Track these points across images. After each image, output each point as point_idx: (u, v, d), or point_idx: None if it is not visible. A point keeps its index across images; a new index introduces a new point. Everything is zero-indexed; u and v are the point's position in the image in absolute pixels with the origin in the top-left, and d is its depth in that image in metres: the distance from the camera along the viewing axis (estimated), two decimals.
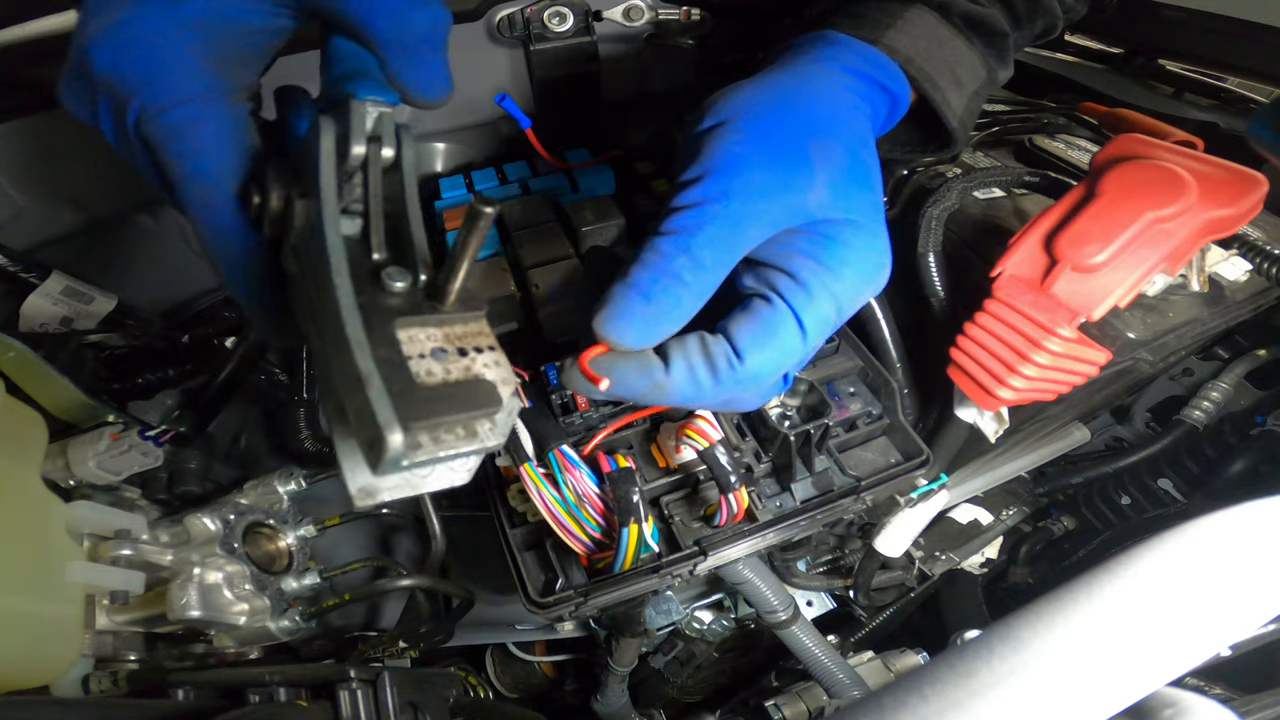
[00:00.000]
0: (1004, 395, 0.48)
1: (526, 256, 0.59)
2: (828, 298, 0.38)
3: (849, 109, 0.43)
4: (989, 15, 0.50)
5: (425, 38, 0.35)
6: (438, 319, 0.30)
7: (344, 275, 0.28)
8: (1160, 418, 0.86)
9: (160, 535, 0.62)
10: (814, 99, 0.41)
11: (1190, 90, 0.83)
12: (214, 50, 0.35)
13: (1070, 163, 0.66)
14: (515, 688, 1.11)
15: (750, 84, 0.42)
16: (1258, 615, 0.23)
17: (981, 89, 0.51)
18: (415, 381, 0.27)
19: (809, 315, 0.38)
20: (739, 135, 0.39)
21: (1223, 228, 0.47)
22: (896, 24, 0.47)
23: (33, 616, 0.49)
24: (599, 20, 0.71)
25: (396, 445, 0.25)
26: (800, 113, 0.40)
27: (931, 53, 0.48)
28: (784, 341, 0.38)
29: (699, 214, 0.37)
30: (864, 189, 0.40)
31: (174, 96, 0.34)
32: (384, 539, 0.90)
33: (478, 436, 0.28)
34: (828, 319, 0.39)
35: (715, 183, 0.38)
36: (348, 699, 0.45)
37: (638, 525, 0.45)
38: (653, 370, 0.38)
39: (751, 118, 0.40)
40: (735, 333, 0.38)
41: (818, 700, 0.71)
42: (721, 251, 0.37)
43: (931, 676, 0.24)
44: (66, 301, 0.66)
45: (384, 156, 0.33)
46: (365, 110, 0.34)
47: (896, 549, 0.66)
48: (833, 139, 0.40)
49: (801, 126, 0.40)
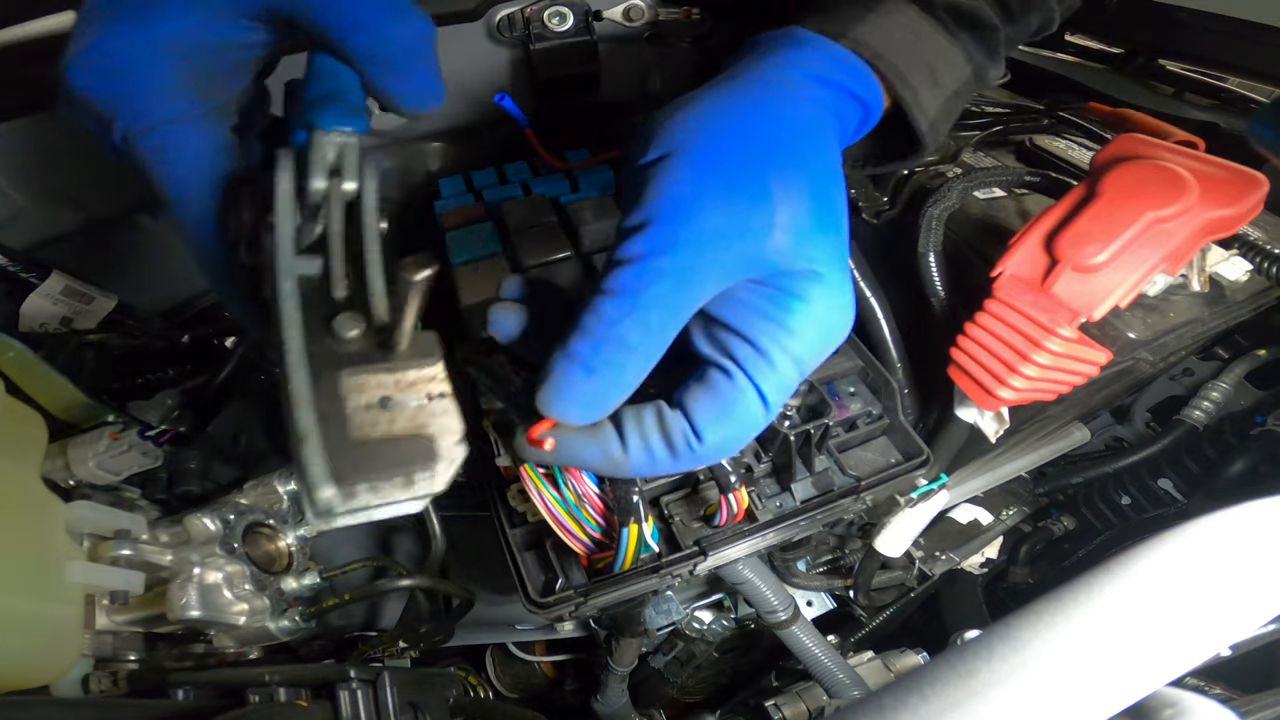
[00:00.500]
0: (1004, 395, 0.48)
1: (526, 256, 0.59)
2: (789, 363, 0.35)
3: (815, 129, 0.37)
4: (977, 8, 0.46)
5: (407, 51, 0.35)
6: (388, 367, 0.29)
7: (294, 328, 0.28)
8: (1160, 418, 0.86)
9: (160, 535, 0.62)
10: (774, 118, 0.36)
11: (1190, 90, 0.83)
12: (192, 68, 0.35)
13: (1070, 163, 0.66)
14: (515, 688, 1.11)
15: (700, 99, 0.37)
16: (1258, 615, 0.23)
17: (964, 88, 0.47)
18: (355, 436, 0.28)
19: (770, 385, 0.34)
20: (685, 172, 0.34)
21: (1223, 228, 0.47)
22: (869, 17, 0.42)
23: (33, 616, 0.49)
24: (599, 20, 0.71)
25: (326, 500, 0.26)
26: (759, 137, 0.35)
27: (907, 47, 0.43)
28: (745, 417, 0.35)
29: (642, 270, 0.33)
30: (829, 232, 0.35)
31: (152, 118, 0.34)
32: (384, 539, 0.90)
33: (415, 486, 0.28)
34: (789, 384, 0.35)
35: (659, 232, 0.33)
36: (348, 699, 0.45)
37: (638, 525, 0.45)
38: (608, 446, 0.35)
39: (700, 148, 0.34)
40: (694, 409, 0.35)
41: (818, 700, 0.71)
42: (670, 311, 0.33)
43: (931, 676, 0.24)
44: (66, 301, 0.66)
45: (345, 191, 0.33)
46: (326, 143, 0.33)
47: (896, 549, 0.66)
48: (797, 170, 0.35)
49: (760, 155, 0.34)
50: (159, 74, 0.34)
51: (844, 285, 0.36)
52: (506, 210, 0.64)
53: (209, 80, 0.36)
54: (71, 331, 0.66)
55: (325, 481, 0.26)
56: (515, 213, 0.63)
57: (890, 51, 0.42)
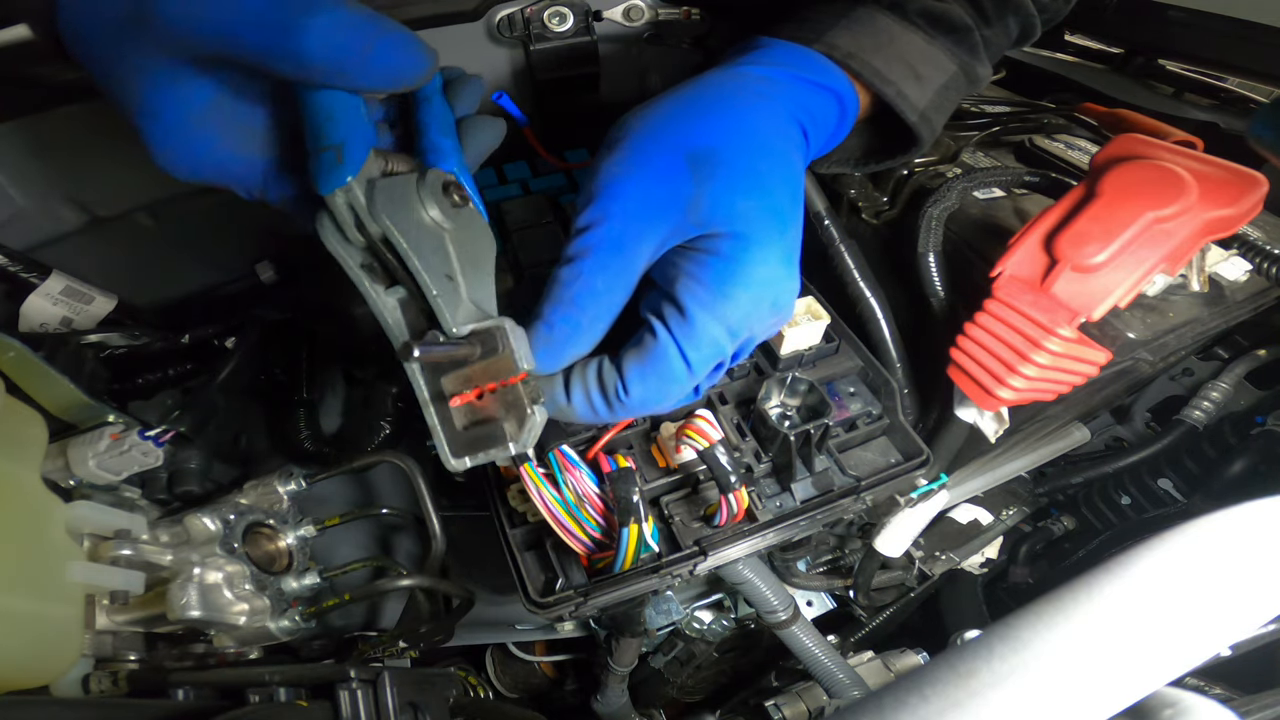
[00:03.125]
0: (1004, 395, 0.48)
1: (526, 256, 0.59)
2: (713, 322, 0.37)
3: (754, 114, 0.41)
4: (948, 10, 0.49)
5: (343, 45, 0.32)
6: (469, 366, 0.37)
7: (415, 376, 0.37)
8: (1160, 418, 0.86)
9: (160, 535, 0.62)
10: (709, 108, 0.40)
11: (1190, 90, 0.84)
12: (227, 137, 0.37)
13: (1070, 163, 0.66)
14: (515, 688, 1.11)
15: (652, 101, 0.42)
16: (1258, 615, 0.23)
17: (952, 83, 0.50)
18: (461, 424, 0.37)
19: (691, 346, 0.38)
20: (617, 155, 0.39)
21: (1223, 228, 0.47)
22: (839, 24, 0.46)
23: (33, 616, 0.49)
24: (599, 20, 0.71)
25: (453, 467, 0.37)
26: (688, 124, 0.39)
27: (880, 48, 0.46)
28: (666, 374, 0.38)
29: (586, 240, 0.38)
30: (753, 197, 0.38)
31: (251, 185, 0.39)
32: (384, 539, 0.90)
33: (511, 447, 0.36)
34: (716, 346, 0.38)
35: (598, 206, 0.38)
36: (348, 699, 0.45)
37: (638, 525, 0.45)
38: (556, 395, 0.41)
39: (634, 135, 0.39)
40: (624, 365, 0.39)
41: (818, 700, 0.71)
42: (613, 275, 0.38)
43: (931, 676, 0.24)
44: (66, 301, 0.66)
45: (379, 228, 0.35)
46: (338, 205, 0.35)
47: (896, 549, 0.66)
48: (722, 147, 0.39)
49: (683, 138, 0.39)
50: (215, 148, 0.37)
51: (772, 246, 0.38)
52: (506, 210, 0.64)
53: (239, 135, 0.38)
54: (71, 331, 0.66)
55: (449, 459, 0.37)
56: (515, 212, 0.63)
57: (863, 51, 0.45)
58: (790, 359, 0.56)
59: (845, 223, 0.67)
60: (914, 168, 0.65)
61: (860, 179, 0.67)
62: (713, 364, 0.39)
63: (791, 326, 0.54)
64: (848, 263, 0.61)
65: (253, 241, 0.84)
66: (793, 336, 0.54)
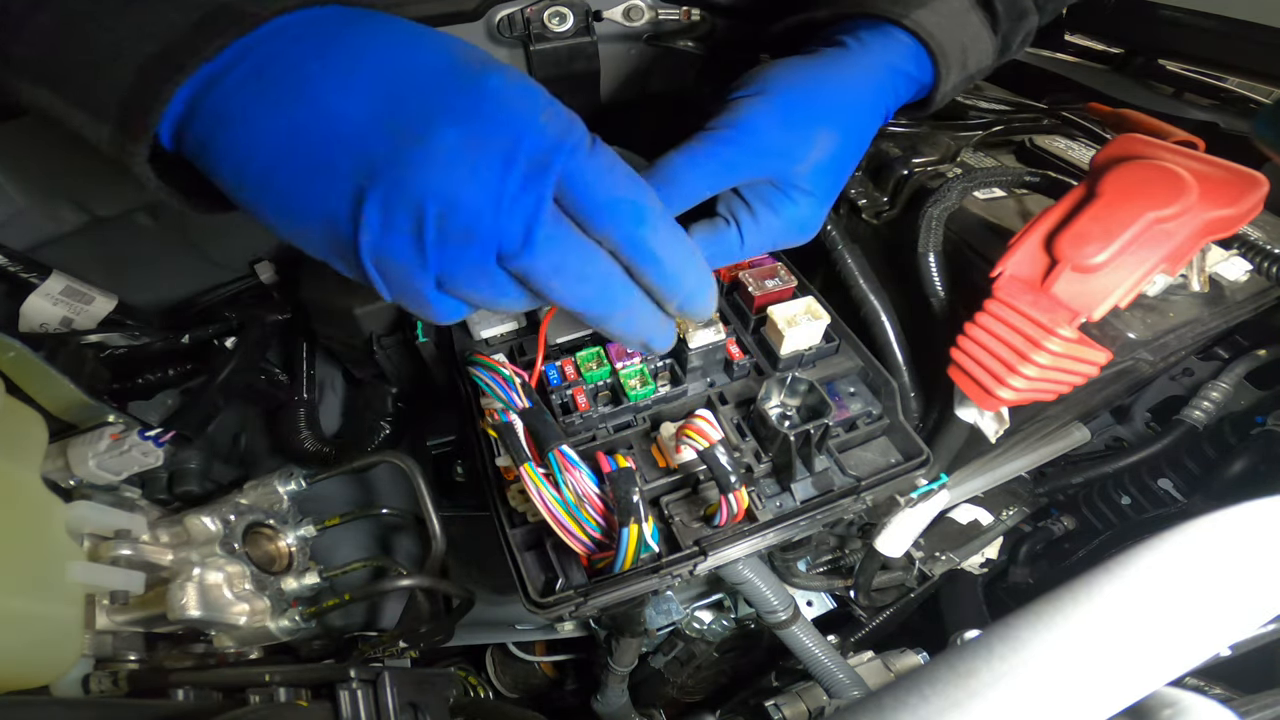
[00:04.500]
0: (1004, 395, 0.48)
1: None
2: (762, 231, 0.49)
3: (867, 104, 0.49)
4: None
5: None
6: None
7: None
8: (1160, 418, 0.86)
9: (160, 535, 0.62)
10: (840, 89, 0.48)
11: (1190, 90, 0.84)
12: None
13: (1070, 163, 0.66)
14: (515, 688, 1.11)
15: (789, 64, 0.49)
16: (1258, 615, 0.23)
17: (978, 75, 0.55)
18: None
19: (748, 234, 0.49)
20: (761, 106, 0.46)
21: (1223, 228, 0.47)
22: (930, 3, 0.51)
23: (33, 616, 0.49)
24: (599, 20, 0.71)
25: None
26: (823, 99, 0.47)
27: (954, 34, 0.52)
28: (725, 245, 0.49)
29: (711, 145, 0.45)
30: (838, 175, 0.49)
31: None
32: (384, 539, 0.90)
33: None
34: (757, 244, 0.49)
35: (729, 136, 0.45)
36: (348, 699, 0.45)
37: (638, 525, 0.45)
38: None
39: (780, 93, 0.47)
40: (695, 232, 0.49)
41: (818, 700, 0.71)
42: (711, 177, 0.45)
43: (931, 676, 0.24)
44: (66, 301, 0.66)
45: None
46: None
47: (897, 549, 0.66)
48: (839, 129, 0.47)
49: (818, 112, 0.47)
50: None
51: (823, 209, 0.50)
52: None
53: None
54: (71, 331, 0.66)
55: None
56: None
57: (942, 35, 0.51)
58: (790, 359, 0.56)
59: (845, 223, 0.67)
60: (914, 168, 0.65)
61: (861, 178, 0.67)
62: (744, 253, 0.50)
63: (792, 326, 0.54)
64: (850, 266, 0.61)
65: (253, 242, 0.84)
66: (793, 336, 0.54)
